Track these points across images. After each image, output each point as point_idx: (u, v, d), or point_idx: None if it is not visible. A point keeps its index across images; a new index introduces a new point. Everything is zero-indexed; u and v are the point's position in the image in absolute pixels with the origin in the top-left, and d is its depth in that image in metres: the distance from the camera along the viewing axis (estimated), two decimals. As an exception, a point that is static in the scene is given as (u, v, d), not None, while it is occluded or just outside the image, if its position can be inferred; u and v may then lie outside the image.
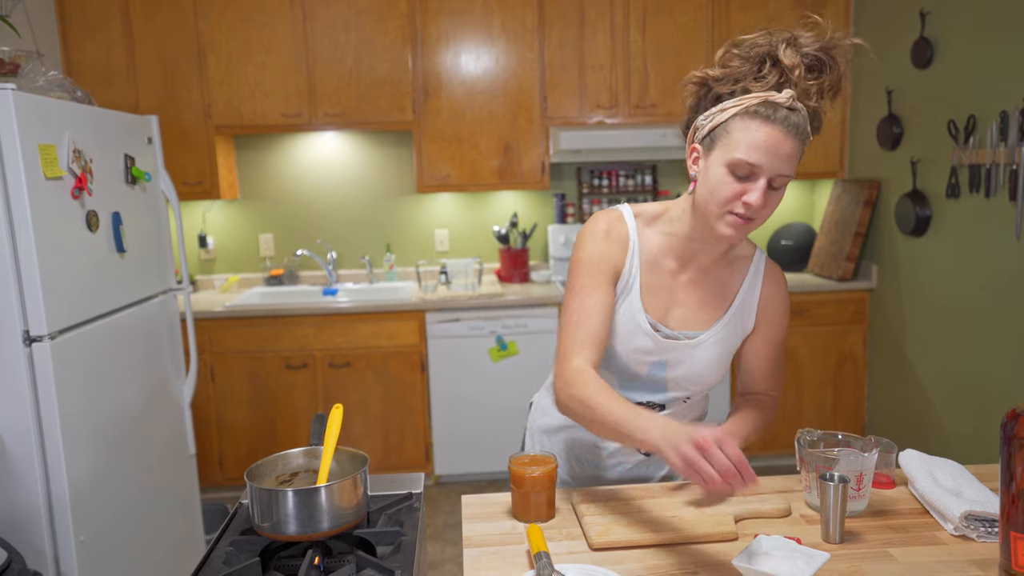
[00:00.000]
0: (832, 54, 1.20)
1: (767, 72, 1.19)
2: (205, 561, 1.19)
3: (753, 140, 1.18)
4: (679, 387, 1.40)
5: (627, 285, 1.35)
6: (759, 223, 1.24)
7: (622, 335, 1.35)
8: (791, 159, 1.19)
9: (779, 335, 1.44)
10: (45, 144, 1.89)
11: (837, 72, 1.21)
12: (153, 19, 3.52)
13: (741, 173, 1.19)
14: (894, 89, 3.41)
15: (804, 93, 1.19)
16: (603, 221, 1.36)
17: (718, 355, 1.38)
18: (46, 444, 1.92)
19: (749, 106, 1.19)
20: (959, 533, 1.19)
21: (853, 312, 3.67)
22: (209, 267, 4.05)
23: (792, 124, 1.17)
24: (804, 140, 1.20)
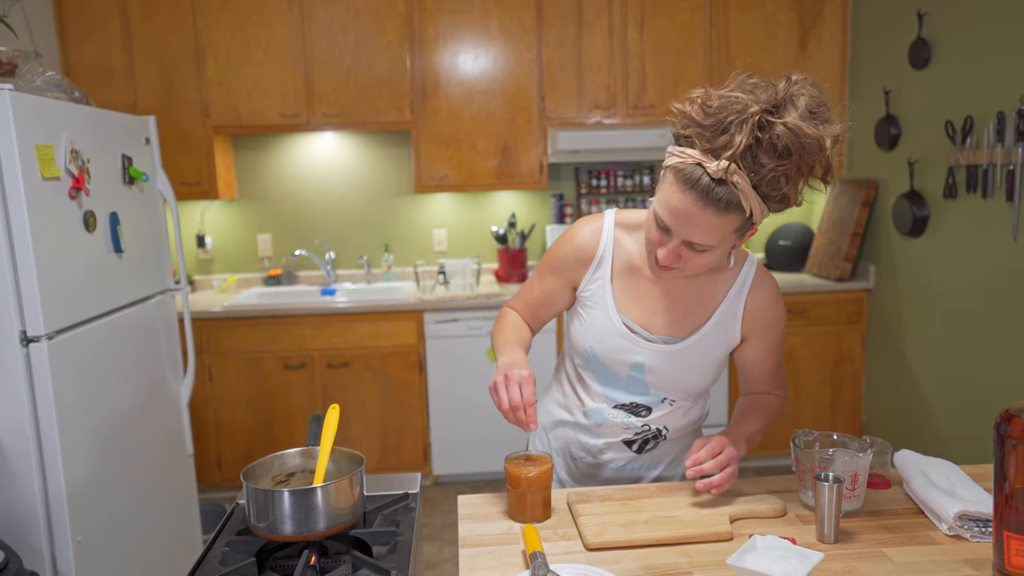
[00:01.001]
0: (804, 142, 1.09)
1: (720, 131, 1.11)
2: (201, 561, 1.19)
3: (668, 201, 1.17)
4: (662, 390, 1.42)
5: (600, 288, 1.40)
6: (689, 272, 1.26)
7: (599, 335, 1.40)
8: (710, 231, 1.16)
9: (775, 341, 1.44)
10: (42, 144, 1.90)
11: (810, 159, 1.11)
12: (151, 19, 3.52)
13: (659, 225, 1.22)
14: (892, 90, 3.41)
15: (757, 171, 1.11)
16: (579, 230, 1.43)
17: (699, 362, 1.39)
18: (43, 444, 1.92)
19: (679, 164, 1.15)
20: (953, 533, 1.19)
21: (851, 312, 3.67)
22: (207, 267, 4.05)
23: (715, 197, 1.12)
24: (738, 213, 1.14)
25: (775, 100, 1.11)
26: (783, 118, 1.09)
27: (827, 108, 1.15)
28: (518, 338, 1.45)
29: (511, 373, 1.26)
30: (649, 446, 1.48)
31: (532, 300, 1.52)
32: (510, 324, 1.50)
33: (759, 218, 1.17)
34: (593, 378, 1.45)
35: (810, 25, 3.74)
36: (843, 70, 3.78)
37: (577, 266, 1.44)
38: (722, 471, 1.26)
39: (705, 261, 1.24)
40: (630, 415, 1.44)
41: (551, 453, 1.57)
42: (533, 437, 1.62)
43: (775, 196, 1.15)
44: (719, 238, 1.18)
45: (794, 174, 1.12)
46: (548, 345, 3.57)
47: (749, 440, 1.38)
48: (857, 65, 3.71)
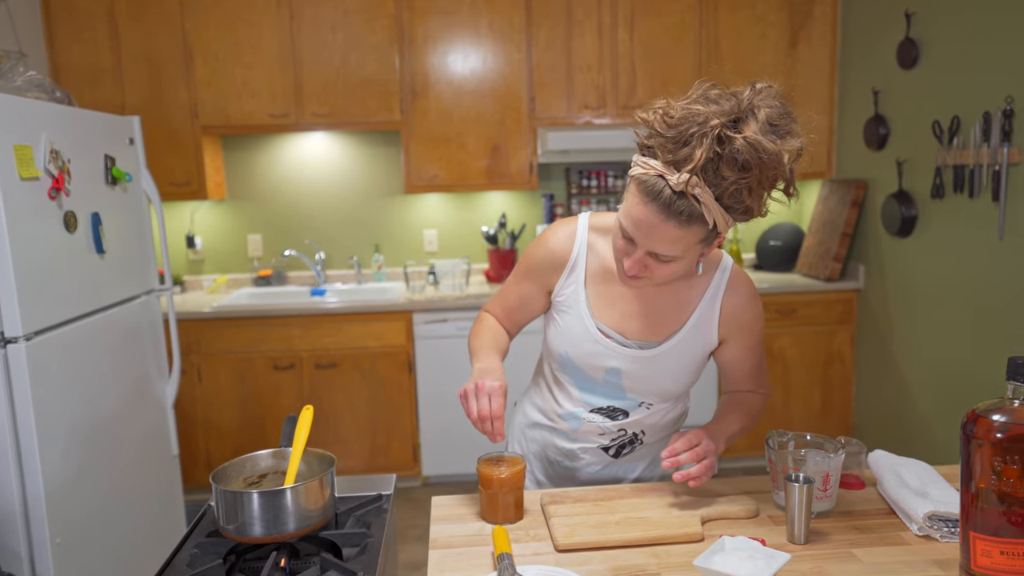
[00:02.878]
0: (762, 157, 1.07)
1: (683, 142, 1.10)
2: (169, 563, 1.19)
3: (631, 212, 1.18)
4: (638, 394, 1.41)
5: (574, 293, 1.40)
6: (656, 282, 1.26)
7: (573, 340, 1.39)
8: (673, 243, 1.16)
9: (753, 341, 1.43)
10: (20, 144, 1.89)
11: (770, 173, 1.10)
12: (139, 19, 3.52)
13: (624, 235, 1.22)
14: (880, 90, 3.41)
15: (718, 184, 1.10)
16: (553, 234, 1.42)
17: (676, 367, 1.39)
18: (21, 445, 1.91)
19: (642, 175, 1.15)
20: (923, 533, 1.19)
21: (841, 312, 3.67)
22: (197, 267, 4.04)
23: (677, 210, 1.11)
24: (700, 224, 1.13)
25: (736, 112, 1.10)
26: (743, 132, 1.08)
27: (790, 119, 1.13)
28: (494, 342, 1.44)
29: (482, 383, 1.26)
30: (626, 451, 1.48)
31: (508, 304, 1.52)
32: (487, 328, 1.50)
33: (724, 228, 1.17)
34: (570, 382, 1.45)
35: (800, 25, 3.74)
36: (833, 70, 3.77)
37: (551, 271, 1.43)
38: (699, 463, 1.25)
39: (671, 271, 1.24)
40: (607, 419, 1.44)
41: (526, 455, 1.57)
42: (512, 438, 1.62)
43: (738, 208, 1.14)
44: (683, 249, 1.18)
45: (756, 187, 1.12)
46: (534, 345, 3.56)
47: (729, 437, 1.38)
48: (846, 65, 3.71)
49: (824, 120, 3.81)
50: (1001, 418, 1.01)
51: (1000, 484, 1.00)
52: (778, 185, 1.15)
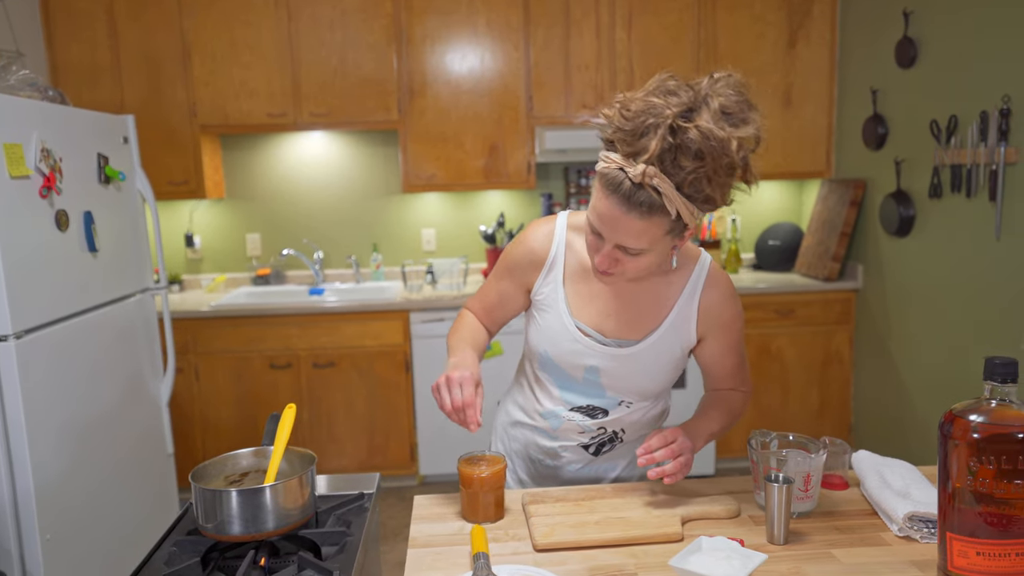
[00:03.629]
0: (713, 145, 1.08)
1: (640, 136, 1.11)
2: (146, 561, 1.19)
3: (596, 206, 1.19)
4: (617, 392, 1.41)
5: (553, 292, 1.40)
6: (629, 276, 1.27)
7: (552, 338, 1.40)
8: (640, 235, 1.16)
9: (733, 339, 1.42)
10: (11, 143, 1.90)
11: (724, 161, 1.10)
12: (138, 19, 3.53)
13: (593, 231, 1.23)
14: (879, 89, 3.39)
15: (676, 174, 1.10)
16: (532, 233, 1.43)
17: (654, 365, 1.38)
18: (11, 443, 1.92)
19: (604, 169, 1.16)
20: (903, 534, 1.18)
21: (839, 312, 3.65)
22: (196, 267, 4.05)
23: (638, 201, 1.12)
24: (663, 215, 1.14)
25: (691, 103, 1.11)
26: (695, 121, 1.09)
27: (746, 107, 1.14)
28: (472, 339, 1.45)
29: (452, 375, 1.27)
30: (606, 449, 1.47)
31: (488, 302, 1.52)
32: (465, 324, 1.50)
33: (689, 219, 1.16)
34: (550, 380, 1.45)
35: (799, 24, 3.72)
36: (832, 69, 3.76)
37: (530, 269, 1.43)
38: (674, 460, 1.25)
39: (643, 264, 1.23)
40: (586, 417, 1.43)
41: (509, 454, 1.57)
42: (495, 437, 1.62)
43: (699, 197, 1.14)
44: (649, 241, 1.18)
45: (714, 175, 1.11)
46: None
47: (709, 435, 1.37)
48: (845, 64, 3.69)
49: (823, 119, 3.79)
50: (977, 418, 1.00)
51: (976, 484, 0.99)
52: (735, 174, 1.14)
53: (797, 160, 3.82)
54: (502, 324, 1.55)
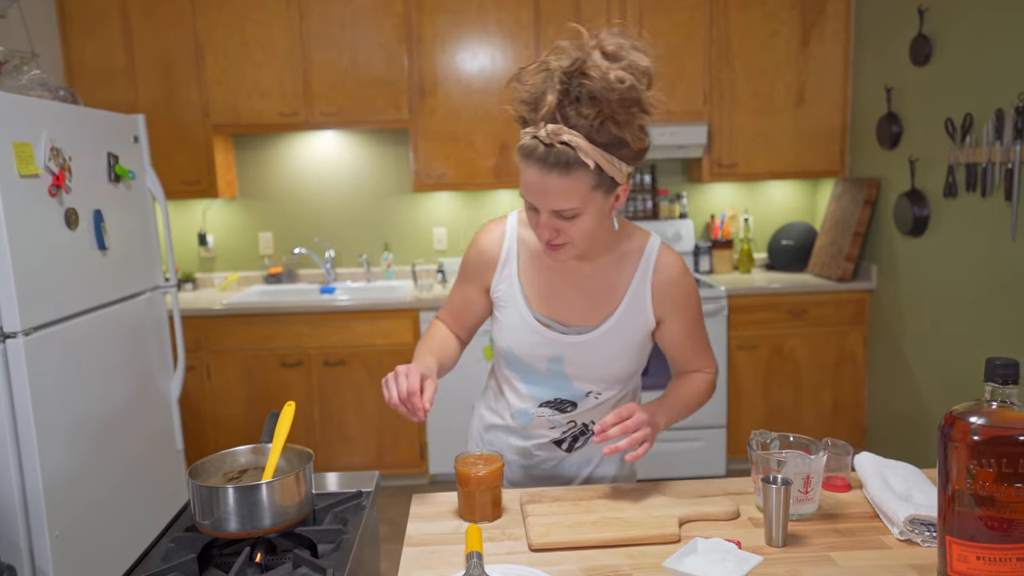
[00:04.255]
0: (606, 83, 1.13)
1: (540, 104, 1.17)
2: (144, 557, 1.19)
3: (524, 179, 1.23)
4: (583, 381, 1.42)
5: (509, 287, 1.42)
6: (581, 244, 1.28)
7: (514, 333, 1.42)
8: (566, 193, 1.19)
9: (691, 318, 1.43)
10: (20, 142, 1.92)
11: (622, 97, 1.14)
12: (151, 18, 3.56)
13: (529, 207, 1.26)
14: (893, 87, 3.35)
15: (581, 124, 1.16)
16: (484, 233, 1.47)
17: (616, 349, 1.40)
18: (20, 440, 1.94)
19: (519, 145, 1.22)
20: (904, 537, 1.16)
21: (853, 313, 3.61)
22: (209, 265, 4.08)
23: (554, 160, 1.16)
24: (583, 169, 1.17)
25: (578, 55, 1.16)
26: (584, 67, 1.15)
27: (631, 48, 1.19)
28: (436, 347, 1.47)
29: (399, 368, 1.29)
30: (578, 444, 1.49)
31: (455, 308, 1.54)
32: (431, 335, 1.53)
33: (612, 170, 1.20)
34: (517, 377, 1.47)
35: (812, 22, 3.69)
36: (846, 67, 3.72)
37: (485, 269, 1.46)
38: (630, 436, 1.25)
39: (584, 227, 1.25)
40: (555, 412, 1.45)
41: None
42: (470, 443, 1.64)
43: (612, 143, 1.18)
44: (579, 199, 1.21)
45: (615, 115, 1.16)
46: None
47: (671, 412, 1.38)
48: (860, 62, 3.65)
49: (837, 118, 3.75)
50: (977, 420, 0.99)
51: (976, 487, 0.97)
52: (635, 112, 1.18)
53: (810, 159, 3.78)
54: (473, 328, 1.56)
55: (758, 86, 3.71)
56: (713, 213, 4.10)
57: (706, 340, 1.47)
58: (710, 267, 3.97)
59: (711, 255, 3.96)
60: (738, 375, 3.60)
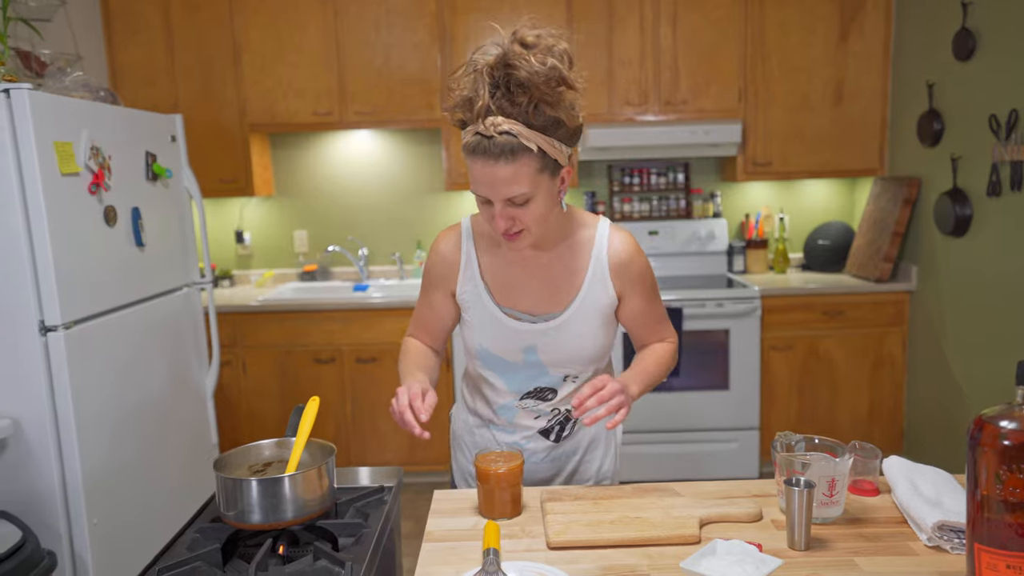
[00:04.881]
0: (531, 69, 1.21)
1: (476, 104, 1.24)
2: (169, 546, 1.22)
3: (473, 175, 1.28)
4: (559, 367, 1.45)
5: (474, 287, 1.46)
6: (537, 228, 1.33)
7: (485, 331, 1.46)
8: (515, 179, 1.25)
9: (648, 291, 1.47)
10: (61, 141, 1.97)
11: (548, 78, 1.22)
12: (192, 20, 3.63)
13: (481, 201, 1.32)
14: (935, 83, 3.27)
15: (517, 112, 1.23)
16: (441, 240, 1.52)
17: (585, 328, 1.43)
18: (60, 430, 2.00)
19: (464, 144, 1.28)
20: (933, 544, 1.14)
21: (891, 315, 3.53)
22: (246, 262, 4.15)
23: (497, 150, 1.23)
24: (527, 154, 1.23)
25: (500, 50, 1.24)
26: (507, 59, 1.22)
27: (547, 35, 1.28)
28: (423, 363, 1.49)
29: (398, 390, 1.33)
30: (566, 433, 1.51)
31: (423, 321, 1.57)
32: (409, 351, 1.55)
33: (554, 152, 1.26)
34: (494, 375, 1.49)
35: (851, 17, 3.61)
36: (886, 64, 3.64)
37: (448, 272, 1.49)
38: (607, 404, 1.29)
39: (537, 211, 1.30)
40: (538, 401, 1.48)
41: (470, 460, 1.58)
42: (454, 449, 1.66)
43: (549, 124, 1.25)
44: (528, 183, 1.26)
45: (547, 96, 1.23)
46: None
47: (641, 378, 1.42)
48: (900, 58, 3.57)
49: (876, 115, 3.67)
50: (1008, 424, 0.96)
51: (1005, 493, 0.95)
52: (562, 91, 1.25)
53: (848, 157, 3.71)
54: (444, 338, 1.59)
55: (794, 83, 3.65)
56: (748, 212, 4.05)
57: (663, 312, 1.52)
58: (744, 267, 3.92)
59: (745, 255, 3.91)
60: (772, 376, 3.54)
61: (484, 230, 1.48)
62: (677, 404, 3.53)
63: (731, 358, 3.47)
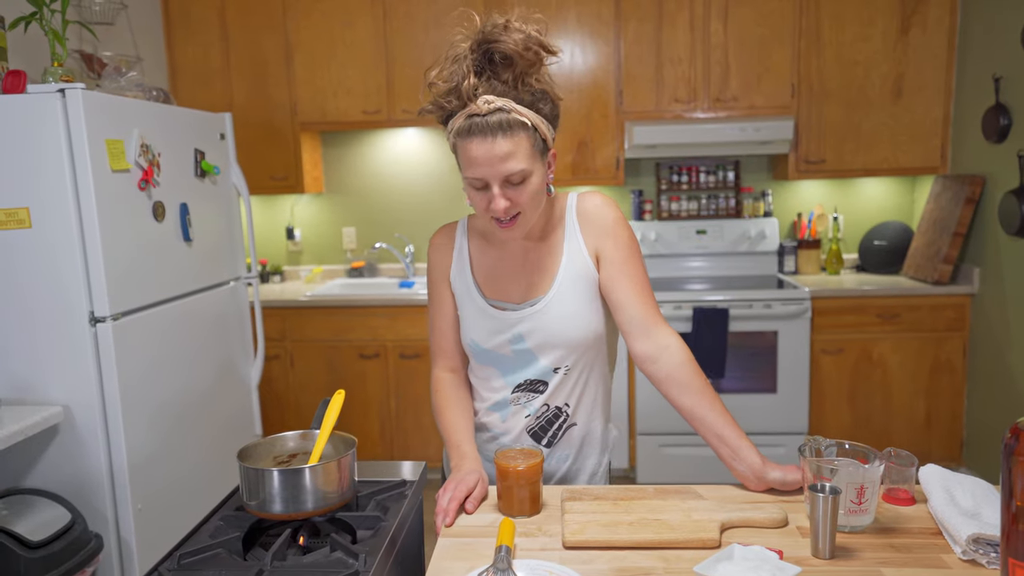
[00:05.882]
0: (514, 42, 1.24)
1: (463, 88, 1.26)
2: (193, 532, 1.25)
3: (469, 158, 1.28)
4: (548, 354, 1.43)
5: (464, 280, 1.47)
6: (531, 212, 1.33)
7: (474, 324, 1.46)
8: (511, 156, 1.26)
9: (623, 248, 1.40)
10: (112, 139, 2.04)
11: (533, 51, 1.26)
12: (247, 22, 3.72)
13: (478, 187, 1.30)
14: (1002, 76, 3.12)
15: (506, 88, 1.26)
16: (438, 236, 1.53)
17: (569, 308, 1.41)
18: (108, 418, 2.07)
19: (455, 129, 1.28)
20: (967, 558, 1.08)
21: (951, 318, 3.39)
22: (296, 258, 4.24)
23: (495, 125, 1.24)
24: (522, 129, 1.26)
25: (478, 35, 1.27)
26: (487, 36, 1.26)
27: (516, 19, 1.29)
28: (463, 424, 1.45)
29: (450, 481, 1.32)
30: (557, 436, 1.47)
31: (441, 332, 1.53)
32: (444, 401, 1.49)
33: (543, 129, 1.30)
34: (486, 369, 1.49)
35: (913, 10, 3.48)
36: (950, 57, 3.49)
37: (444, 261, 1.51)
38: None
39: (533, 191, 1.30)
40: (530, 394, 1.45)
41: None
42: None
43: (536, 98, 1.29)
44: (525, 159, 1.27)
45: (531, 69, 1.28)
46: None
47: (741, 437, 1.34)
48: (965, 50, 3.42)
49: (938, 111, 3.53)
50: (1044, 433, 0.90)
51: (1040, 507, 0.90)
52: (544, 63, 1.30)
53: (908, 155, 3.57)
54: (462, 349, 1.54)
55: (850, 78, 3.53)
56: (800, 212, 3.94)
57: (649, 288, 1.42)
58: (795, 267, 3.81)
59: (796, 255, 3.80)
60: (821, 380, 3.44)
61: (477, 225, 1.49)
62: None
63: (779, 361, 3.39)
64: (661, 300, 3.35)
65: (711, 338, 3.33)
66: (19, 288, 2.01)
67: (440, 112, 1.32)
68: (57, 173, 1.96)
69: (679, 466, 3.47)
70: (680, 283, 3.68)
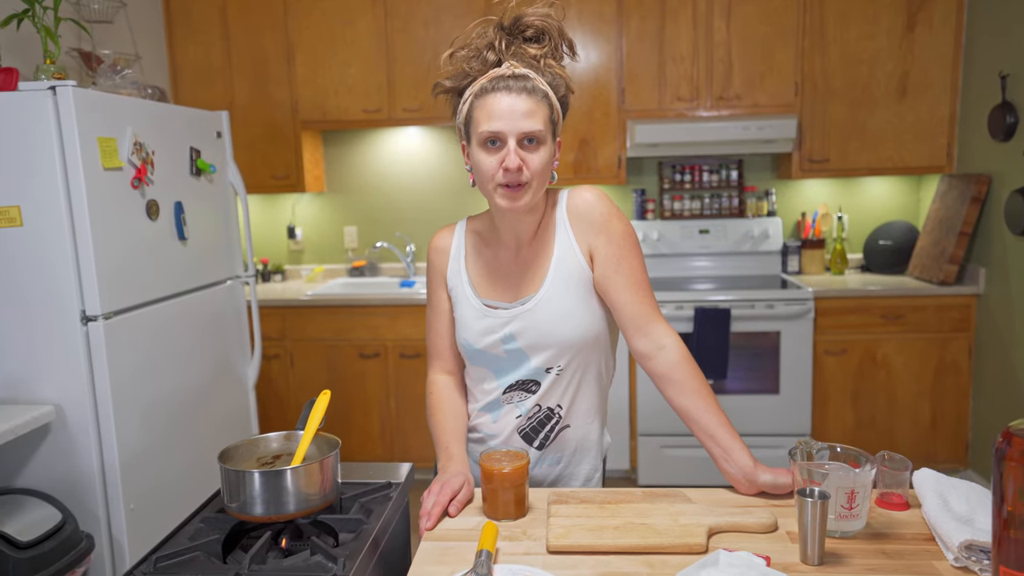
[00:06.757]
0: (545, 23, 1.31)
1: (488, 56, 1.31)
2: (172, 535, 1.23)
3: (488, 111, 1.29)
4: (539, 354, 1.40)
5: (459, 280, 1.47)
6: (538, 185, 1.32)
7: (467, 325, 1.44)
8: (532, 115, 1.28)
9: (616, 241, 1.37)
10: (105, 137, 2.03)
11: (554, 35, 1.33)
12: (247, 20, 3.71)
13: (492, 144, 1.30)
14: (1009, 74, 3.08)
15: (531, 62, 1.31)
16: (435, 237, 1.53)
17: (560, 307, 1.38)
18: (100, 417, 2.06)
19: (475, 91, 1.31)
20: (960, 565, 1.05)
21: (956, 319, 3.34)
22: (297, 257, 4.23)
23: (520, 86, 1.28)
24: (543, 98, 1.29)
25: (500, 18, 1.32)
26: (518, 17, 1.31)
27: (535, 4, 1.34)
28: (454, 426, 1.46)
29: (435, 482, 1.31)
30: (550, 437, 1.44)
31: (437, 334, 1.53)
32: (437, 406, 1.50)
33: (556, 115, 1.33)
34: (479, 371, 1.47)
35: (919, 7, 3.43)
36: (957, 55, 3.44)
37: (441, 261, 1.50)
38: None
39: (543, 161, 1.31)
40: (523, 393, 1.43)
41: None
42: None
43: (552, 80, 1.32)
44: (542, 122, 1.29)
45: (558, 49, 1.34)
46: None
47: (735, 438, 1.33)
48: (971, 48, 3.37)
49: (944, 109, 3.48)
50: (1037, 437, 0.87)
51: (1031, 513, 0.87)
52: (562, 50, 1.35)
53: (913, 154, 3.53)
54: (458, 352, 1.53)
55: (855, 76, 3.49)
56: (804, 211, 3.90)
57: (647, 285, 1.39)
58: (799, 267, 3.77)
59: (800, 255, 3.76)
60: (824, 381, 3.40)
61: (476, 228, 1.49)
62: (724, 407, 3.41)
63: (782, 361, 3.35)
64: (663, 300, 3.32)
65: (713, 338, 3.30)
66: (10, 287, 2.00)
67: (460, 81, 1.34)
68: (49, 171, 1.95)
69: (680, 467, 3.44)
70: (683, 283, 3.65)
